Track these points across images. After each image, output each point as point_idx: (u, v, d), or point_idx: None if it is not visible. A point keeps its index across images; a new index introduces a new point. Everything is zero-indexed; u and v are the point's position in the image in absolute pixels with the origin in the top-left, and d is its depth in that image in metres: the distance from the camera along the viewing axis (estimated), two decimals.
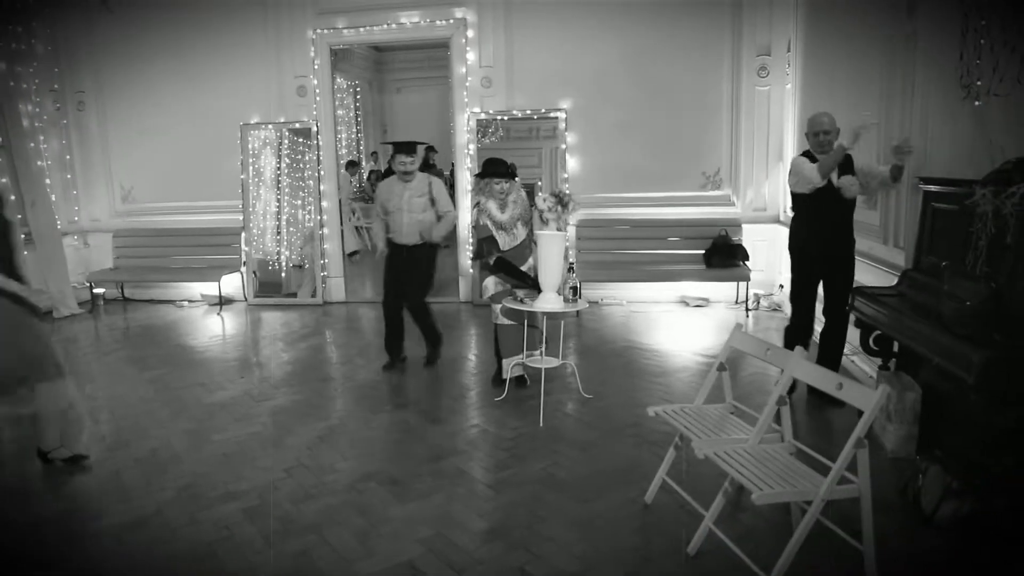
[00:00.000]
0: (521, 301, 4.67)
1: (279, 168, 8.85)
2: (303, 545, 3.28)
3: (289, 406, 5.07)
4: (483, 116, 7.86)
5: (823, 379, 3.02)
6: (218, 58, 8.40)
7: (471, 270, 7.94)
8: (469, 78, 7.84)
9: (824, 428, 4.42)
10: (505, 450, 4.24)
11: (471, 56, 7.81)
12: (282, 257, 8.82)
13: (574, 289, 4.69)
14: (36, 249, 8.06)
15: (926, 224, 4.02)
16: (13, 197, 5.91)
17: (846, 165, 4.49)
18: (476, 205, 5.17)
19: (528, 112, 7.81)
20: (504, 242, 4.97)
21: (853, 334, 4.54)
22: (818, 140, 4.57)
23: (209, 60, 8.43)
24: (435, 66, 16.04)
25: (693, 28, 7.51)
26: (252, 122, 8.43)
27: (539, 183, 10.67)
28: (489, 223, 4.96)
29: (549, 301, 4.59)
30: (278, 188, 8.86)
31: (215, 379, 5.70)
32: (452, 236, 7.62)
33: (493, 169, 4.96)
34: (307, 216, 8.63)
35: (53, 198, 8.42)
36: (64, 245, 8.48)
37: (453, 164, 12.74)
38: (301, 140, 8.78)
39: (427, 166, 12.61)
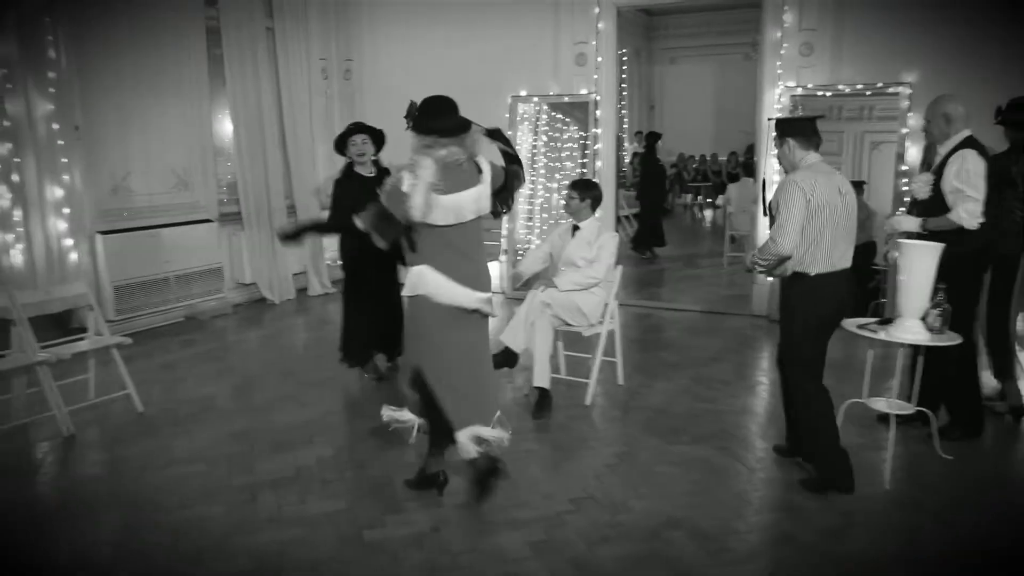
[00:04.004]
0: (872, 329, 4.19)
1: (535, 146, 8.96)
2: None
3: (566, 424, 5.00)
4: (800, 91, 7.32)
5: None
6: (489, 23, 8.65)
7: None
8: (785, 44, 7.34)
9: None
10: (842, 514, 3.80)
11: (789, 17, 7.30)
12: (532, 246, 8.91)
13: (943, 318, 4.09)
14: (298, 221, 8.85)
15: None
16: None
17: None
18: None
19: (859, 87, 7.15)
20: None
21: None
22: None
23: (480, 26, 8.71)
24: (714, 32, 15.57)
25: None
26: (522, 94, 8.57)
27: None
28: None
29: (910, 330, 4.05)
30: (533, 168, 8.97)
31: None
32: None
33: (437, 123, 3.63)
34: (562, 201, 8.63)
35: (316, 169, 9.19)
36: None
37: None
38: (560, 116, 8.81)
39: (652, 155, 12.08)
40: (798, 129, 4.06)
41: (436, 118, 3.61)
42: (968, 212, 4.28)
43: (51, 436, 4.81)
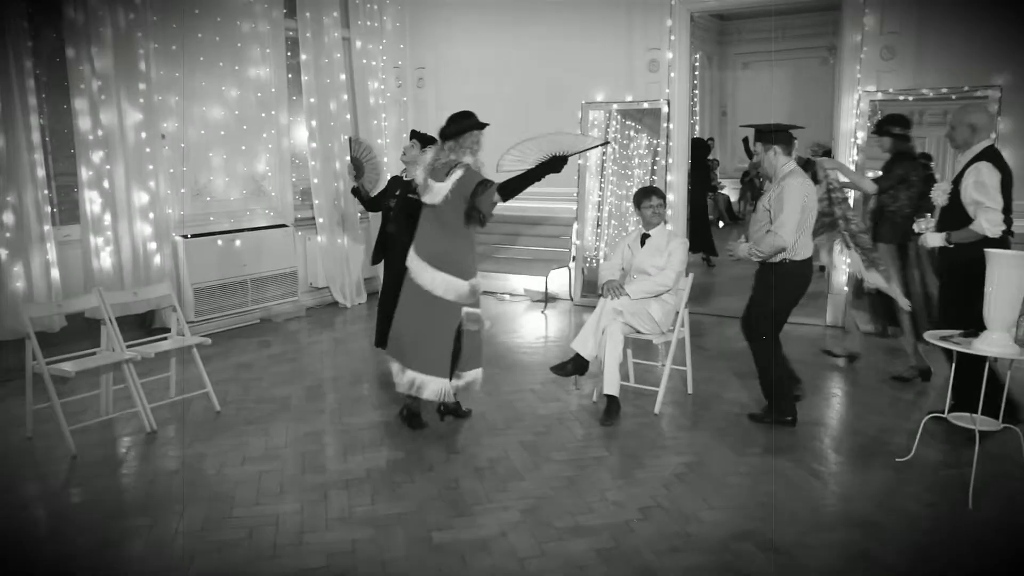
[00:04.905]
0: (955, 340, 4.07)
1: (604, 153, 8.93)
2: None
3: (635, 431, 4.97)
4: (880, 96, 7.14)
5: None
6: (561, 30, 8.67)
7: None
8: (865, 48, 7.17)
9: None
10: (921, 530, 3.69)
11: (870, 20, 7.13)
12: (600, 254, 8.88)
13: None
14: (370, 228, 9.01)
15: None
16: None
17: None
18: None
19: (943, 91, 6.93)
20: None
21: None
22: None
23: (551, 32, 8.73)
24: (789, 36, 15.26)
25: None
26: (594, 100, 8.56)
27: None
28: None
29: (996, 344, 3.91)
30: (602, 176, 8.94)
31: (548, 387, 5.80)
32: None
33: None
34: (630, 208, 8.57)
35: (389, 176, 9.33)
36: None
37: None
38: (631, 123, 8.76)
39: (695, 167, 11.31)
40: (782, 137, 4.74)
41: (447, 125, 4.78)
42: (989, 222, 4.44)
43: (134, 431, 5.00)
